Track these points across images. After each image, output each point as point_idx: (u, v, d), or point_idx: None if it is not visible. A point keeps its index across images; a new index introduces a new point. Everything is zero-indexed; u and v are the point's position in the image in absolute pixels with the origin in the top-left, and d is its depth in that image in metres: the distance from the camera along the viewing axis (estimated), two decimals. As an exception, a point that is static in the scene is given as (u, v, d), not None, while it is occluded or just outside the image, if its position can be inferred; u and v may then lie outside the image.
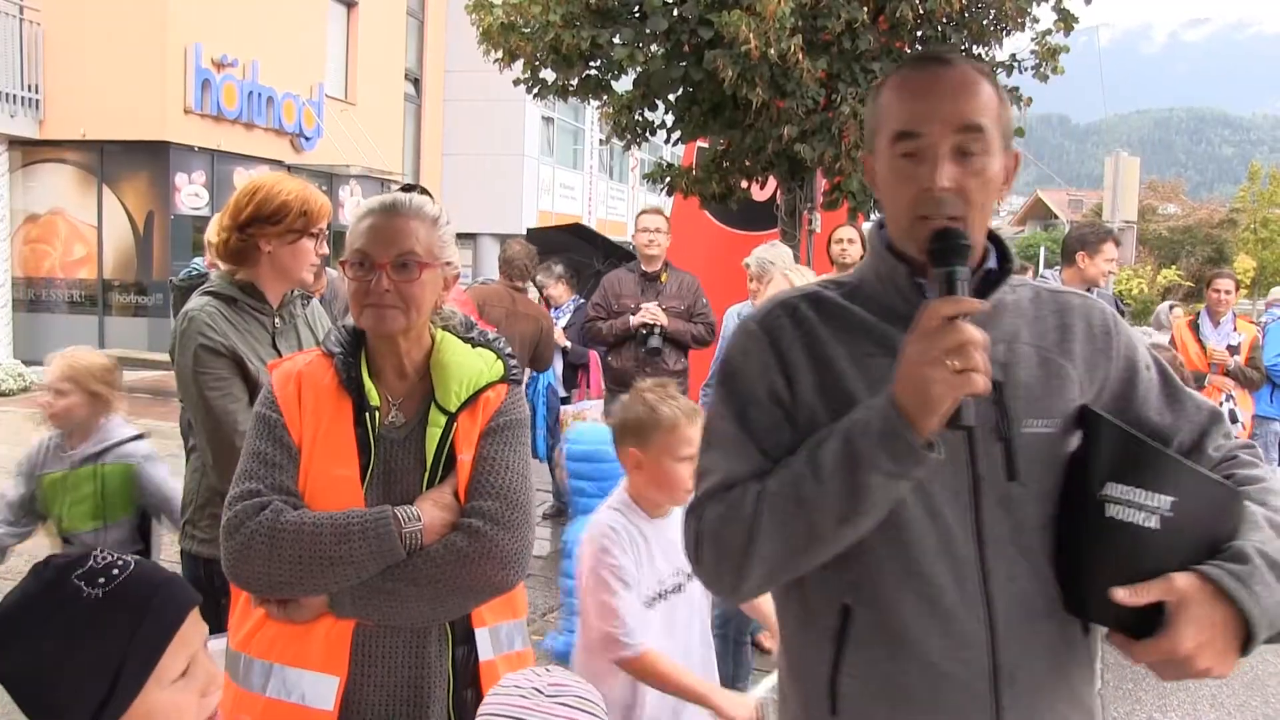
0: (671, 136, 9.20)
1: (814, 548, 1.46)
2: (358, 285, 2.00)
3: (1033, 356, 1.54)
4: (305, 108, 17.98)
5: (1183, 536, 1.41)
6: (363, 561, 1.92)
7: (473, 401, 2.07)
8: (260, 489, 1.98)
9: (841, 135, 7.84)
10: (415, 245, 2.00)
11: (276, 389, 2.08)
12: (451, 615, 2.04)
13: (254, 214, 2.76)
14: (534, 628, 5.55)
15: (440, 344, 2.12)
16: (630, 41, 8.10)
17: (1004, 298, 1.56)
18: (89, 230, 15.40)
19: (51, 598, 1.32)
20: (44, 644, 1.28)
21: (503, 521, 2.00)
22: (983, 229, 1.55)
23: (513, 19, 8.27)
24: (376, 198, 2.09)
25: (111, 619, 1.30)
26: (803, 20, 7.64)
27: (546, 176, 27.02)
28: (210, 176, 15.91)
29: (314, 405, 2.05)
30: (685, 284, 6.45)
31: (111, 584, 1.32)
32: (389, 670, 2.02)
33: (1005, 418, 1.48)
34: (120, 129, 14.89)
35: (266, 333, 2.82)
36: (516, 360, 2.20)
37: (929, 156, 1.48)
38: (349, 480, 2.01)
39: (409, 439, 2.06)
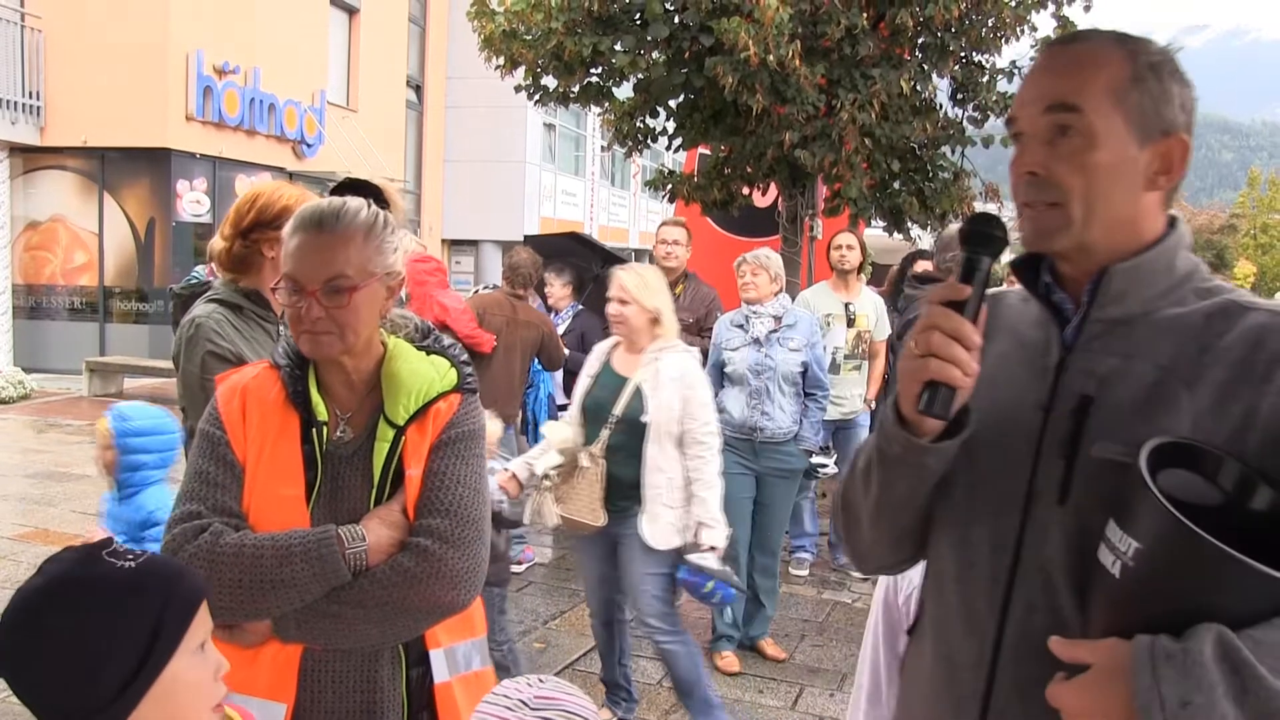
0: (673, 143, 9.22)
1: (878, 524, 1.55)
2: (291, 311, 1.91)
3: (1147, 377, 1.34)
4: (307, 114, 17.99)
5: (1143, 591, 1.17)
6: (306, 584, 1.83)
7: (422, 414, 1.97)
8: (200, 510, 1.90)
9: (842, 141, 7.85)
10: (345, 268, 1.88)
11: (221, 404, 1.99)
12: (402, 637, 1.96)
13: (256, 220, 2.76)
14: (536, 635, 5.54)
15: (392, 352, 2.02)
16: (631, 49, 8.11)
17: (1161, 311, 1.37)
18: (90, 237, 15.41)
19: (88, 572, 1.38)
20: (87, 612, 1.34)
21: (452, 539, 1.90)
22: (1096, 222, 1.37)
23: (514, 26, 8.28)
24: (308, 206, 1.96)
25: (148, 585, 1.38)
26: (802, 27, 7.65)
27: (548, 183, 27.03)
28: (212, 183, 15.91)
29: (259, 421, 1.96)
30: (699, 296, 6.45)
31: (139, 560, 1.40)
32: (339, 695, 1.94)
33: (1076, 435, 1.35)
34: (121, 136, 14.89)
35: (272, 340, 2.81)
36: (473, 369, 2.11)
37: (1023, 139, 1.41)
38: (294, 499, 1.92)
39: (356, 454, 1.97)
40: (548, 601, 6.13)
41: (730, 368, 5.19)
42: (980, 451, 1.43)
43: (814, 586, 6.59)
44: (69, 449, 9.95)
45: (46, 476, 8.76)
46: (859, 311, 6.82)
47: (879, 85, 7.84)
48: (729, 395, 5.20)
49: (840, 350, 6.73)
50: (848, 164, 7.92)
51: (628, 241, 33.98)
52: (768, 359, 5.15)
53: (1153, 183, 1.37)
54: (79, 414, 11.91)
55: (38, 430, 10.90)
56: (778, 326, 5.19)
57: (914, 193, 8.77)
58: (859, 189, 8.13)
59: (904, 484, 1.47)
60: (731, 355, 5.19)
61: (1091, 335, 1.40)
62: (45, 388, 13.64)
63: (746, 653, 5.35)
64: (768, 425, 5.14)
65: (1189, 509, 1.13)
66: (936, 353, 1.33)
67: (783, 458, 5.21)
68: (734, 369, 5.17)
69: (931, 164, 8.89)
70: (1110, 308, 1.39)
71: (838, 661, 5.36)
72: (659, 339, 4.12)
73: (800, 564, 6.84)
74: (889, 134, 8.07)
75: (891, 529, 1.55)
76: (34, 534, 7.03)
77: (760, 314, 5.20)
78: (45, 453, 9.76)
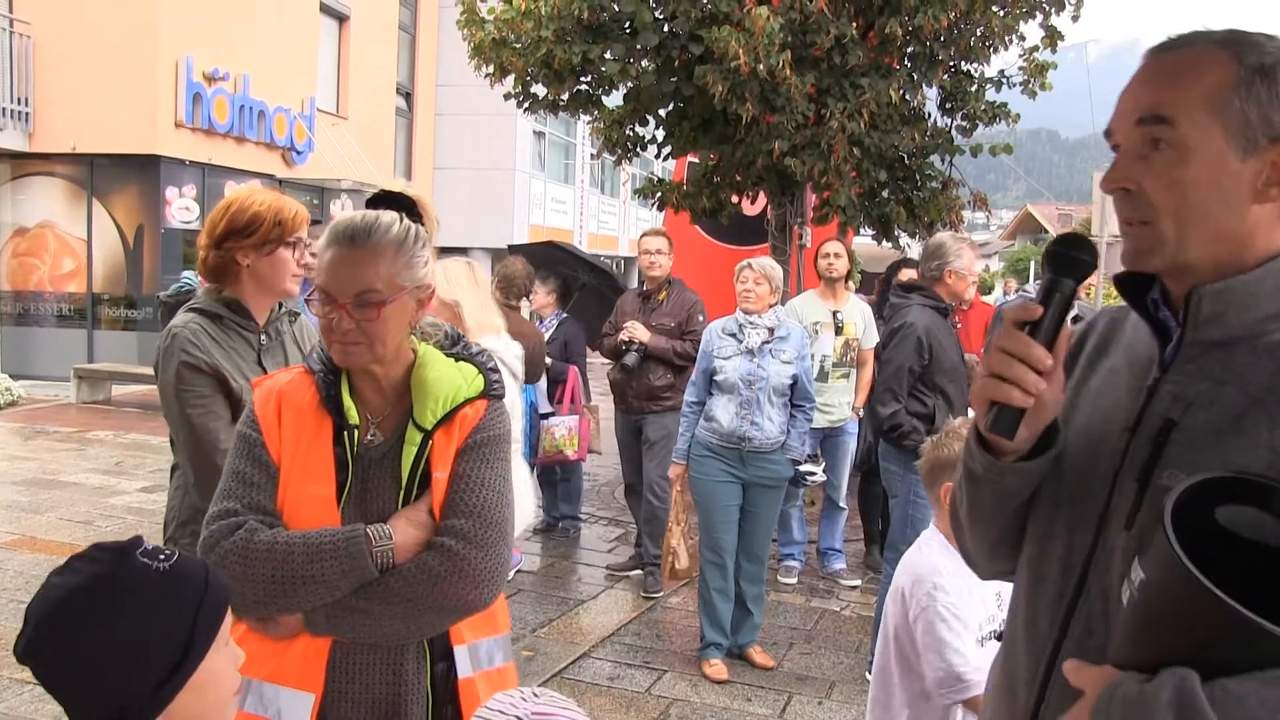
0: (662, 151, 9.23)
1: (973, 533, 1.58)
2: (323, 321, 2.00)
3: (1235, 406, 1.25)
4: (297, 121, 17.96)
5: (1144, 623, 1.16)
6: (335, 580, 1.92)
7: (450, 418, 2.05)
8: (237, 508, 1.99)
9: (831, 150, 7.86)
10: (375, 282, 1.96)
11: (257, 407, 2.09)
12: (426, 633, 2.04)
13: (227, 228, 2.76)
14: (524, 643, 5.54)
15: (421, 359, 2.10)
16: (621, 57, 8.12)
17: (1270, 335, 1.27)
18: (78, 244, 15.35)
19: (125, 571, 1.41)
20: (127, 611, 1.37)
21: (476, 540, 1.99)
22: (1192, 241, 1.28)
23: (504, 34, 8.29)
24: (344, 219, 2.04)
25: (184, 584, 1.43)
26: (792, 36, 7.66)
27: (538, 191, 27.03)
28: (201, 190, 15.86)
29: (294, 423, 2.05)
30: (681, 302, 6.49)
31: (171, 560, 1.44)
32: (366, 687, 2.02)
33: (1152, 461, 1.30)
34: (110, 142, 14.84)
35: (252, 350, 2.80)
36: (500, 376, 2.18)
37: (1118, 153, 1.34)
38: (325, 499, 2.01)
39: (386, 457, 2.06)
40: (536, 609, 6.12)
41: (721, 376, 5.18)
42: (1068, 469, 1.42)
43: (802, 594, 6.60)
44: (57, 456, 9.91)
45: (34, 484, 8.72)
46: (847, 319, 6.84)
47: (868, 94, 7.86)
48: (717, 403, 5.20)
49: (828, 358, 6.76)
50: (837, 173, 7.94)
51: (617, 249, 34.00)
52: (760, 369, 5.15)
53: (1263, 195, 1.26)
54: (67, 421, 11.86)
55: (25, 437, 10.85)
56: (770, 338, 5.19)
57: (902, 201, 8.79)
58: (848, 197, 8.15)
59: (989, 499, 1.48)
60: (723, 364, 5.19)
61: (1187, 357, 1.32)
62: (33, 395, 13.57)
63: (735, 661, 5.35)
64: (756, 435, 5.14)
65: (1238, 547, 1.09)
66: (999, 372, 1.32)
67: (770, 467, 5.22)
68: (725, 377, 5.17)
69: (920, 173, 8.91)
70: (1207, 329, 1.30)
71: (826, 669, 5.36)
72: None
73: (789, 572, 6.85)
74: (878, 143, 8.09)
75: (984, 539, 1.57)
76: (21, 541, 6.99)
77: (756, 324, 5.20)
78: (32, 460, 9.72)
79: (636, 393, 6.49)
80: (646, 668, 5.31)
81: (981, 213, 10.02)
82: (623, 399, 6.65)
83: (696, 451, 5.26)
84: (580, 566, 7.08)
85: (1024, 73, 8.88)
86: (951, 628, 2.57)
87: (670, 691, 5.02)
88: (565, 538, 7.74)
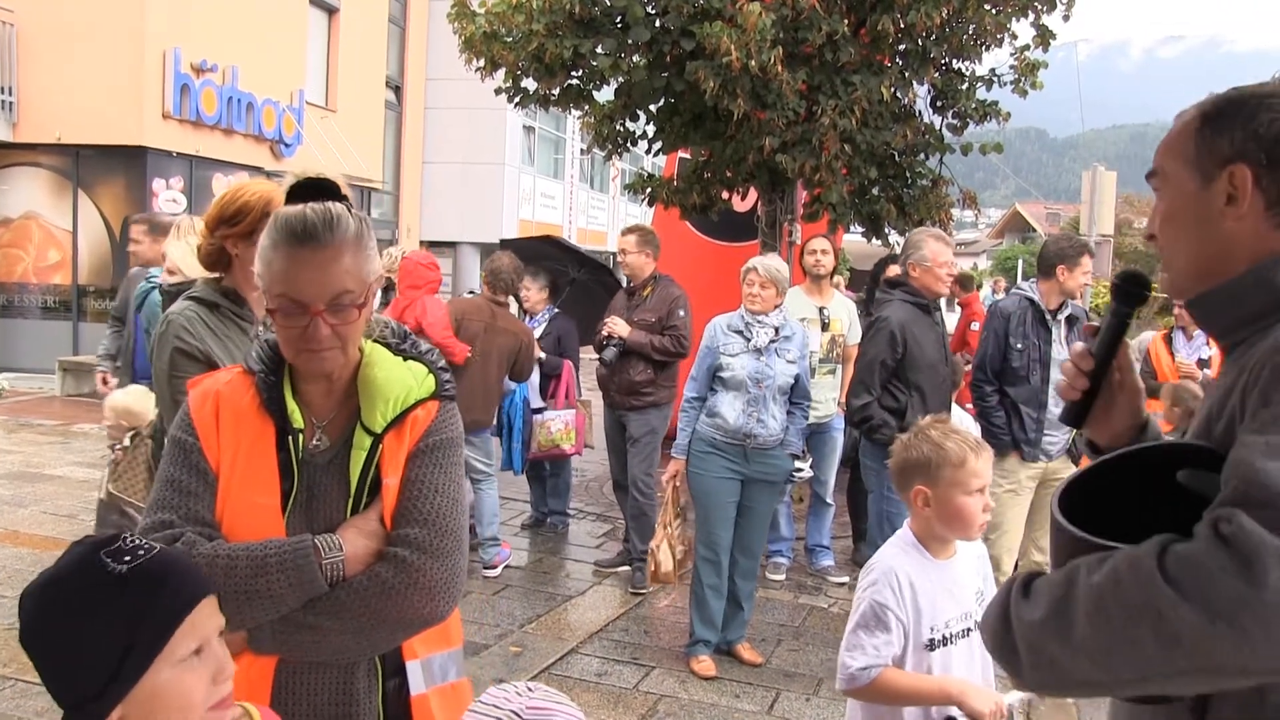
0: (653, 147, 9.21)
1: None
2: (291, 331, 1.85)
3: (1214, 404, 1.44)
4: (285, 114, 17.88)
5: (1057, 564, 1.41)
6: (281, 595, 1.79)
7: (400, 421, 1.93)
8: (172, 519, 1.85)
9: (822, 147, 7.86)
10: (348, 282, 1.85)
11: (193, 410, 1.94)
12: (379, 649, 1.93)
13: (217, 217, 2.77)
14: (513, 639, 5.52)
15: (368, 358, 1.98)
16: (612, 52, 8.10)
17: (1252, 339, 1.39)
18: (63, 235, 15.25)
19: (80, 571, 1.41)
20: (68, 614, 1.37)
21: (431, 550, 1.87)
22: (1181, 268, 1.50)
23: (495, 28, 8.25)
24: (292, 218, 1.86)
25: (128, 594, 1.38)
26: (784, 32, 7.65)
27: (527, 186, 26.99)
28: (189, 182, 15.77)
29: (233, 428, 1.91)
30: (664, 297, 6.49)
31: (135, 562, 1.40)
32: (314, 708, 1.90)
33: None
34: (97, 133, 14.74)
35: (248, 339, 2.80)
36: (450, 375, 2.06)
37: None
38: (269, 508, 1.88)
39: (333, 463, 1.94)
40: (524, 605, 6.11)
41: (728, 373, 5.17)
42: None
43: (790, 591, 6.60)
44: (41, 449, 9.85)
45: (18, 477, 8.66)
46: (833, 315, 6.86)
47: (859, 91, 7.86)
48: (723, 400, 5.19)
49: (814, 354, 6.76)
50: (828, 169, 7.93)
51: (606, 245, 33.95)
52: (768, 368, 5.16)
53: (1231, 213, 1.42)
54: (51, 413, 11.79)
55: (9, 430, 10.78)
56: (776, 337, 5.20)
57: (892, 199, 8.79)
58: (838, 194, 8.15)
59: None
60: (730, 361, 5.18)
61: (1226, 364, 1.50)
62: (17, 387, 13.49)
63: (722, 657, 5.35)
64: (761, 433, 5.15)
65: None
66: (1062, 375, 1.69)
67: (772, 463, 5.23)
68: (733, 375, 5.16)
69: (910, 170, 8.92)
70: (1221, 338, 1.51)
71: (814, 666, 5.36)
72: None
73: (777, 569, 6.84)
74: (869, 140, 8.09)
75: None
76: (4, 535, 6.94)
77: (764, 323, 5.20)
78: (16, 453, 9.66)
79: (618, 387, 6.51)
80: (634, 664, 5.30)
81: (970, 211, 10.03)
82: (607, 394, 6.67)
83: (698, 448, 5.24)
84: (568, 562, 7.07)
85: (1015, 71, 8.89)
86: (865, 622, 2.56)
87: (658, 688, 5.01)
88: (554, 533, 7.72)
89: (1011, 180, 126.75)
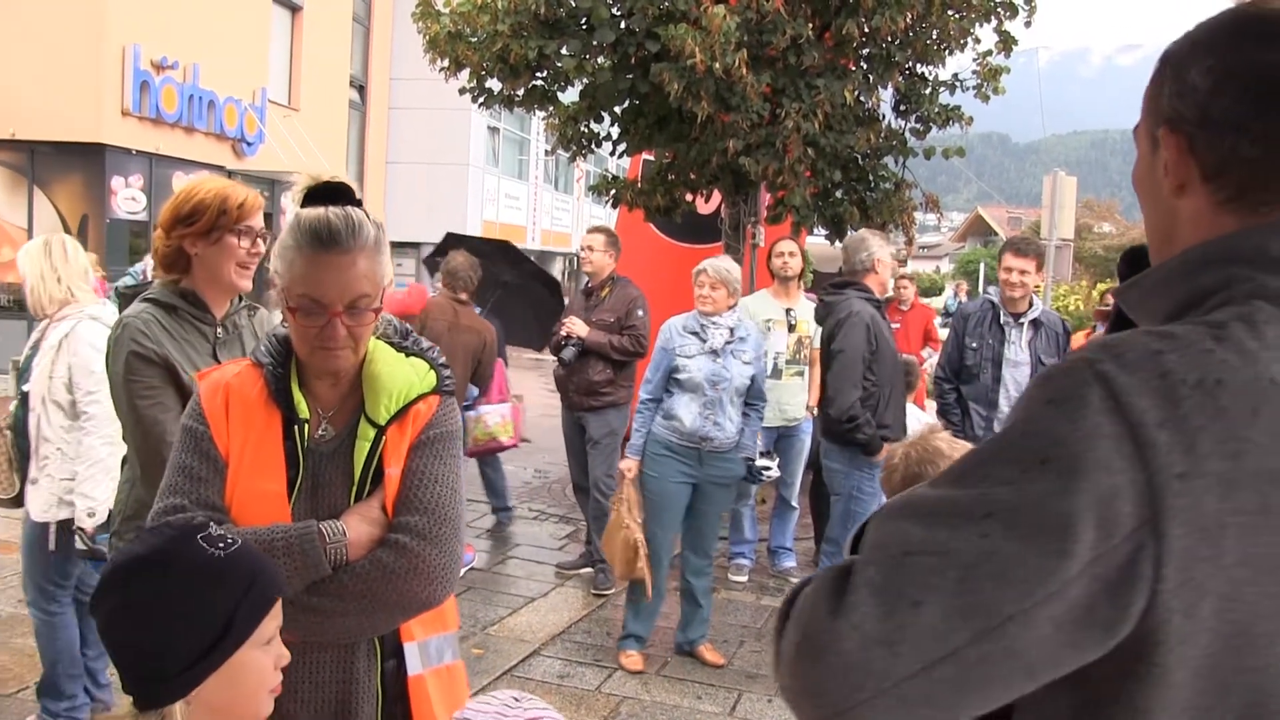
0: (617, 149, 9.20)
1: None
2: (308, 330, 1.94)
3: None
4: (248, 112, 17.73)
5: None
6: (288, 577, 1.87)
7: (403, 414, 2.03)
8: (184, 504, 1.93)
9: (786, 149, 7.88)
10: (366, 286, 1.94)
11: (204, 400, 2.03)
12: (379, 630, 2.02)
13: (173, 218, 2.71)
14: (474, 641, 5.50)
15: (373, 353, 2.07)
16: (577, 53, 8.08)
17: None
18: (18, 233, 15.00)
19: (180, 550, 1.53)
20: (170, 587, 1.48)
21: (430, 537, 1.97)
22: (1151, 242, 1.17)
23: (460, 28, 8.22)
24: (318, 221, 1.94)
25: (231, 576, 1.52)
26: (748, 35, 7.67)
27: (491, 186, 26.91)
28: (149, 180, 15.60)
29: (242, 417, 2.00)
30: (622, 298, 6.50)
31: (230, 549, 1.53)
32: (315, 686, 1.99)
33: None
34: (53, 130, 14.54)
35: (208, 342, 2.74)
36: (450, 371, 2.16)
37: None
38: (275, 495, 1.97)
39: (337, 452, 2.03)
40: (486, 607, 6.08)
41: (685, 375, 5.16)
42: None
43: (753, 592, 6.61)
44: (-5, 449, 9.68)
45: (-30, 478, 8.51)
46: (800, 317, 6.88)
47: (824, 95, 7.89)
48: (679, 402, 5.18)
49: (781, 355, 6.79)
50: (791, 172, 7.95)
51: (570, 246, 33.93)
52: (724, 370, 5.15)
53: (1177, 188, 1.11)
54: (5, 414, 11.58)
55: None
56: (732, 338, 5.20)
57: (855, 202, 8.83)
58: (802, 197, 8.17)
59: None
60: (686, 363, 5.17)
61: None
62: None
63: (685, 658, 5.36)
64: (718, 435, 5.15)
65: None
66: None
67: (725, 466, 5.24)
68: (689, 377, 5.15)
69: (873, 174, 8.96)
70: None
71: (776, 667, 5.36)
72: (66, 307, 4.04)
73: (739, 570, 6.86)
74: (833, 143, 8.12)
75: None
76: (-44, 537, 6.82)
77: (718, 325, 5.20)
78: (-31, 453, 9.48)
79: (576, 387, 6.51)
80: (597, 665, 5.29)
81: (933, 214, 10.09)
82: (565, 394, 6.66)
83: (654, 449, 5.23)
84: (530, 564, 7.05)
85: (978, 76, 8.95)
86: None
87: (620, 689, 5.00)
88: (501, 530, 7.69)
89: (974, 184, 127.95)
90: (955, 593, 0.91)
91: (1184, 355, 0.93)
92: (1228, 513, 0.89)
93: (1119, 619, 0.91)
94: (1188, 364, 0.93)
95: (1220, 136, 1.04)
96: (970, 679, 0.92)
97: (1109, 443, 0.91)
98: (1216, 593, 0.90)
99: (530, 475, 9.81)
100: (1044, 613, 0.90)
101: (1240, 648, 0.91)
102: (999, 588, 0.91)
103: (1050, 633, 0.91)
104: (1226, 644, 0.91)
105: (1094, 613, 0.90)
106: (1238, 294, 1.00)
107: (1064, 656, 0.93)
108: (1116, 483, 0.90)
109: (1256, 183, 1.03)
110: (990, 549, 0.91)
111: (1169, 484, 0.89)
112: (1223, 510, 0.89)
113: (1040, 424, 0.95)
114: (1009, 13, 8.74)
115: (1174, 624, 0.90)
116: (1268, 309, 0.97)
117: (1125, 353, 0.95)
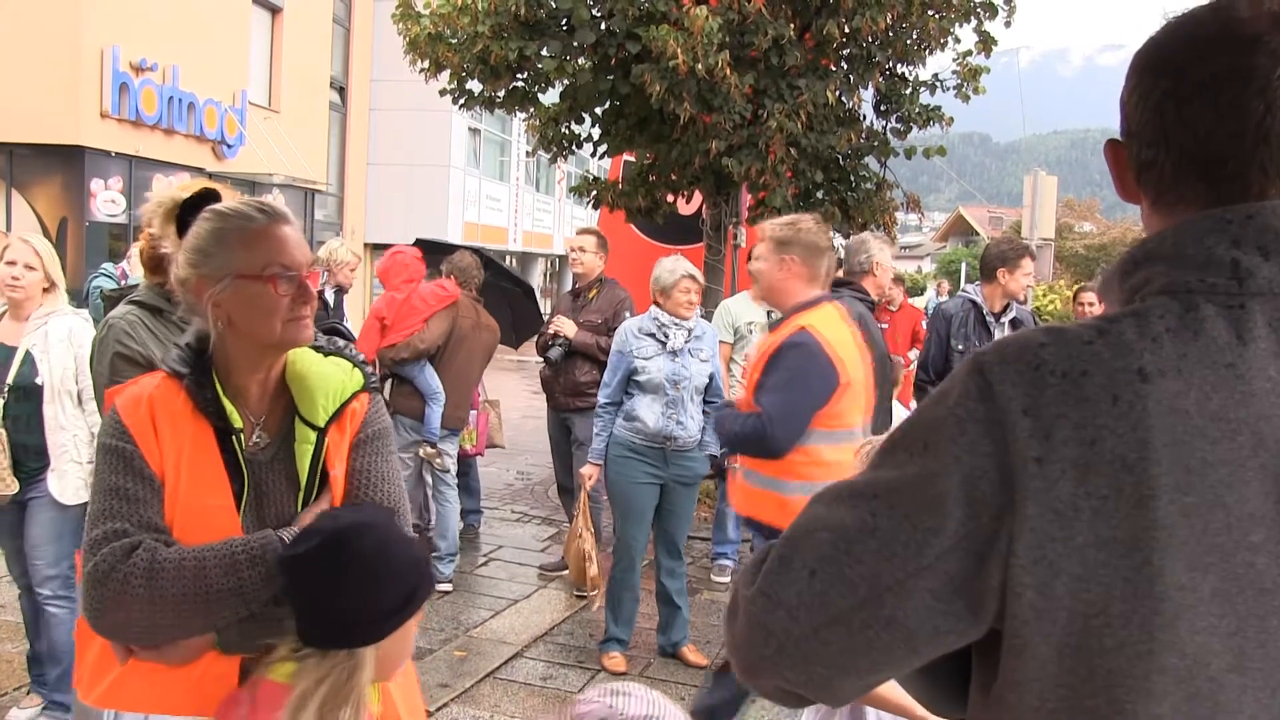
0: (598, 150, 9.20)
1: None
2: (281, 300, 1.88)
3: None
4: (227, 114, 17.65)
5: None
6: (254, 590, 1.80)
7: (339, 414, 1.99)
8: (127, 528, 1.81)
9: (768, 150, 7.89)
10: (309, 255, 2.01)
11: (125, 417, 1.89)
12: None
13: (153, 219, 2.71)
14: (457, 643, 5.48)
15: (293, 355, 2.02)
16: (558, 54, 8.08)
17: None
18: (-3, 236, 14.94)
19: (394, 526, 1.86)
20: (394, 553, 1.78)
21: None
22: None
23: (440, 29, 8.21)
24: (241, 206, 2.00)
25: (420, 549, 1.83)
26: (730, 36, 7.68)
27: (472, 188, 26.85)
28: (128, 183, 15.52)
29: (172, 432, 1.89)
30: (610, 299, 6.51)
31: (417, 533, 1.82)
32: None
33: None
34: (32, 131, 14.45)
35: None
36: (373, 369, 2.16)
37: None
38: (223, 509, 1.88)
39: (276, 458, 1.96)
40: (469, 609, 6.07)
41: (645, 377, 5.18)
42: None
43: (736, 593, 6.61)
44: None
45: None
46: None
47: (805, 95, 7.91)
48: (640, 403, 5.20)
49: (763, 357, 6.79)
50: (773, 173, 7.97)
51: (552, 247, 33.93)
52: (684, 369, 5.19)
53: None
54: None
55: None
56: (689, 338, 5.25)
57: (837, 202, 8.85)
58: (784, 198, 8.18)
59: None
60: (645, 364, 5.19)
61: None
62: None
63: (668, 659, 5.35)
64: (681, 434, 5.17)
65: None
66: None
67: (690, 465, 5.27)
68: (650, 378, 5.17)
69: (855, 174, 8.98)
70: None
71: (759, 668, 5.37)
72: (44, 305, 4.10)
73: (722, 571, 6.86)
74: (814, 143, 8.14)
75: None
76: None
77: (680, 325, 5.24)
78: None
79: (563, 388, 6.51)
80: (580, 667, 5.28)
81: (914, 214, 10.13)
82: (551, 395, 6.67)
83: (617, 452, 5.25)
84: (512, 566, 7.03)
85: (958, 76, 8.99)
86: None
87: (604, 692, 4.99)
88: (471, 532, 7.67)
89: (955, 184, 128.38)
90: (844, 564, 1.03)
91: (1061, 349, 1.01)
92: (1082, 496, 0.96)
93: (984, 592, 1.00)
94: (1060, 356, 1.00)
95: (1138, 146, 1.11)
96: (856, 643, 1.04)
97: (979, 427, 1.00)
98: (1070, 572, 0.96)
99: (513, 477, 9.80)
100: (920, 584, 1.00)
101: (1100, 627, 0.96)
102: (879, 560, 1.02)
103: (928, 603, 1.01)
104: (1086, 623, 0.97)
105: (965, 586, 1.00)
106: (1149, 291, 1.06)
107: (942, 627, 1.02)
108: (983, 465, 0.99)
109: (1164, 185, 1.10)
110: (874, 525, 1.03)
111: (1025, 467, 0.97)
112: (1077, 494, 0.96)
113: (927, 413, 1.06)
114: (989, 13, 8.79)
115: (1027, 599, 0.98)
116: (1166, 302, 1.02)
117: (1009, 347, 1.04)
